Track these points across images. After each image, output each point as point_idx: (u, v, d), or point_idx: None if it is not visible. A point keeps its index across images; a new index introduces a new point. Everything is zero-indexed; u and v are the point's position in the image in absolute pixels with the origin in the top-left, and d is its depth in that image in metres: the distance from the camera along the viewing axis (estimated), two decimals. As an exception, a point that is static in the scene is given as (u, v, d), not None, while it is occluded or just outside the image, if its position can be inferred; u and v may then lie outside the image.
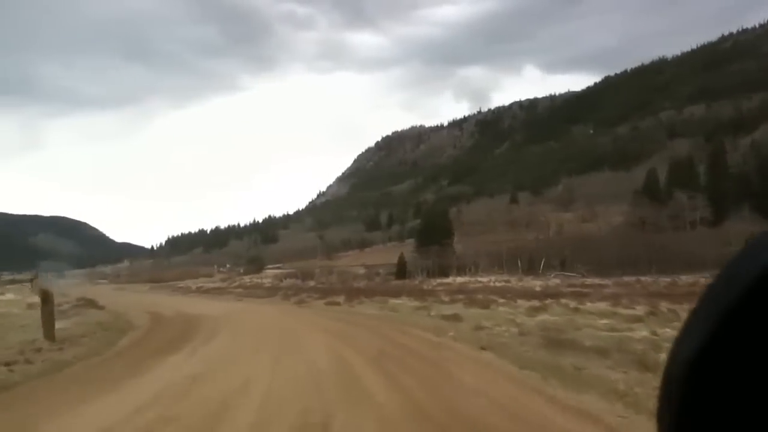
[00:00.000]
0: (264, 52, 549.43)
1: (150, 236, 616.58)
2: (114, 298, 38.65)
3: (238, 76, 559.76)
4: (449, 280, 54.71)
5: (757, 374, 0.59)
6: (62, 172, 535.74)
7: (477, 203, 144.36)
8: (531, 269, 60.54)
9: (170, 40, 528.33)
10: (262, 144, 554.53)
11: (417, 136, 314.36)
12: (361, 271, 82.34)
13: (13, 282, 66.83)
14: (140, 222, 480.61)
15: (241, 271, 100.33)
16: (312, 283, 61.25)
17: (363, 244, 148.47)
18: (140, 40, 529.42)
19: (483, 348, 11.84)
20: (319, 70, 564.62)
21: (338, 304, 28.32)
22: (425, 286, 46.01)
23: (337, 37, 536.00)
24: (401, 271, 66.68)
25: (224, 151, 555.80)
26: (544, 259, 60.35)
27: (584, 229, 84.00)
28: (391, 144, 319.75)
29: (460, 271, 63.16)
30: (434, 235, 69.57)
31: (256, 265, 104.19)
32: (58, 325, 15.08)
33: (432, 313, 20.78)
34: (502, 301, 25.90)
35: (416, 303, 25.89)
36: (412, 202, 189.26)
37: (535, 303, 23.69)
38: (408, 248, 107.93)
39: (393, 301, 27.28)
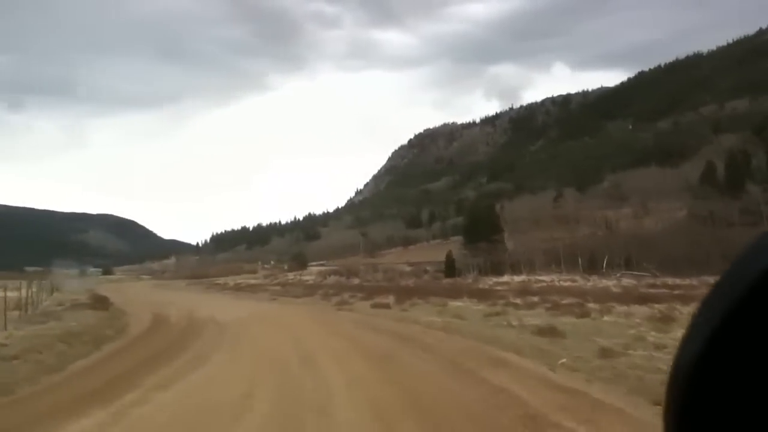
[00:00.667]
0: (294, 52, 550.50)
1: (196, 233, 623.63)
2: (135, 296, 36.76)
3: (270, 76, 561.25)
4: (506, 279, 50.21)
5: (759, 374, 0.59)
6: (109, 170, 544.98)
7: (519, 200, 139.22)
8: (592, 268, 55.63)
9: (205, 40, 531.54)
10: (297, 143, 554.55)
11: (449, 133, 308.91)
12: (407, 268, 78.33)
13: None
14: (187, 219, 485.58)
15: (285, 267, 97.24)
16: (357, 281, 57.42)
17: (406, 242, 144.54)
18: (177, 41, 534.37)
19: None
20: (348, 68, 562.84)
21: (387, 306, 23.68)
22: (481, 286, 41.69)
23: (365, 35, 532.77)
24: (450, 268, 62.40)
25: (263, 149, 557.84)
26: (606, 257, 55.36)
27: (640, 226, 78.46)
28: (423, 141, 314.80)
29: (514, 269, 58.59)
30: (482, 231, 65.09)
31: (300, 261, 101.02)
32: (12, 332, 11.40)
33: (513, 323, 15.90)
34: (593, 306, 21.27)
35: (483, 307, 21.57)
36: (453, 200, 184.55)
37: (646, 309, 19.16)
38: (453, 245, 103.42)
39: (453, 304, 23.02)
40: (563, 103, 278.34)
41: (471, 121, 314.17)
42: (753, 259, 0.60)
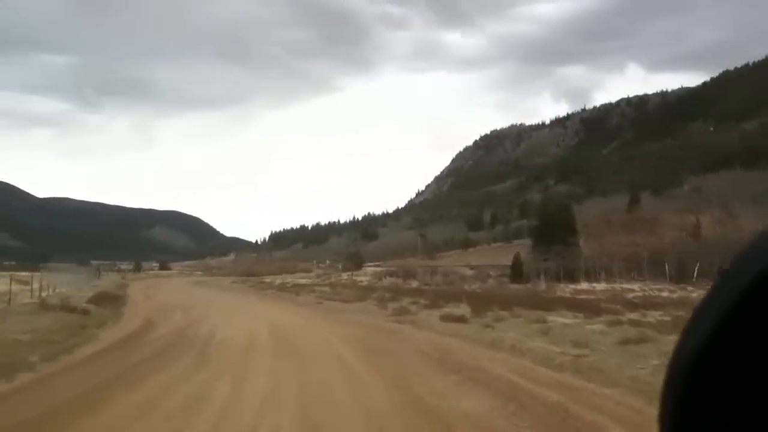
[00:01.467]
0: (359, 53, 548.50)
1: (257, 231, 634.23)
2: (155, 295, 32.20)
3: (335, 77, 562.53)
4: (584, 286, 44.05)
5: (756, 372, 0.59)
6: (176, 168, 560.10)
7: (589, 203, 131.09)
8: (680, 276, 48.72)
9: (271, 42, 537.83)
10: (358, 143, 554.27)
11: (517, 134, 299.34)
12: (468, 271, 72.63)
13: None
14: (248, 217, 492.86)
15: (340, 267, 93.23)
16: (415, 284, 52.30)
17: (466, 244, 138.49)
18: (242, 43, 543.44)
19: None
20: (413, 69, 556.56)
21: (462, 319, 17.28)
22: (560, 293, 35.81)
23: (431, 36, 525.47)
24: (517, 273, 56.45)
25: (323, 150, 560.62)
26: (698, 265, 48.27)
27: (728, 232, 70.07)
28: (489, 143, 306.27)
29: (590, 275, 52.16)
30: (554, 234, 58.72)
31: (356, 261, 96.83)
32: None
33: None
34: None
35: (602, 326, 14.91)
36: (517, 202, 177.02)
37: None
38: (516, 248, 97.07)
39: (554, 320, 16.72)
40: (639, 103, 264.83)
41: (540, 123, 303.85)
42: (753, 259, 0.60)
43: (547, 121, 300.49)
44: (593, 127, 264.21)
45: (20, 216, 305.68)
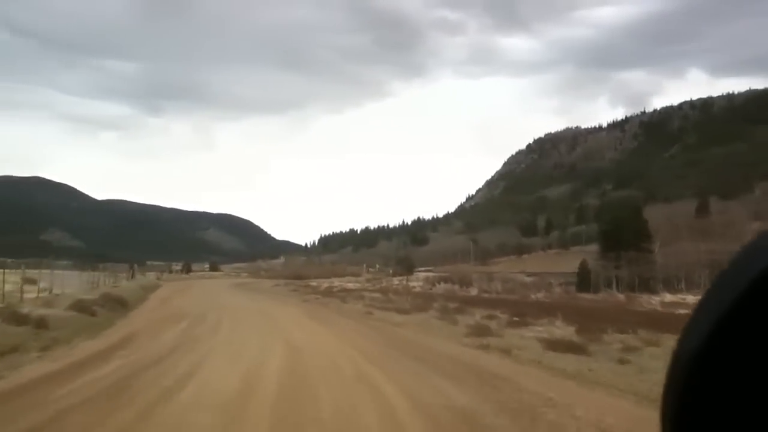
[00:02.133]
0: (414, 59, 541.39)
1: (307, 234, 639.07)
2: (180, 298, 28.36)
3: (389, 82, 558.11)
4: (671, 297, 39.28)
5: (756, 372, 0.58)
6: (231, 172, 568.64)
7: (652, 208, 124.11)
8: None
9: (327, 48, 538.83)
10: (410, 148, 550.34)
11: (572, 138, 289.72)
12: (526, 279, 68.18)
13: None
14: (298, 221, 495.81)
15: (390, 272, 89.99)
16: (474, 291, 48.45)
17: (520, 250, 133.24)
18: (299, 49, 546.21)
19: None
20: (468, 74, 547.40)
21: (576, 348, 11.96)
22: (649, 306, 31.43)
23: (487, 41, 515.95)
24: (585, 281, 51.87)
25: (375, 154, 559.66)
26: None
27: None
28: (543, 146, 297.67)
29: (669, 285, 47.22)
30: (626, 239, 53.86)
31: (406, 266, 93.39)
32: None
33: None
34: None
35: None
36: (573, 207, 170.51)
37: None
38: (575, 255, 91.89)
39: None
40: (703, 107, 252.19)
41: (597, 126, 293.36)
42: (753, 259, 0.60)
43: (604, 124, 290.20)
44: (653, 130, 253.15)
45: (80, 217, 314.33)
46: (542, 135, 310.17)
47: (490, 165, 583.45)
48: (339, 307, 26.59)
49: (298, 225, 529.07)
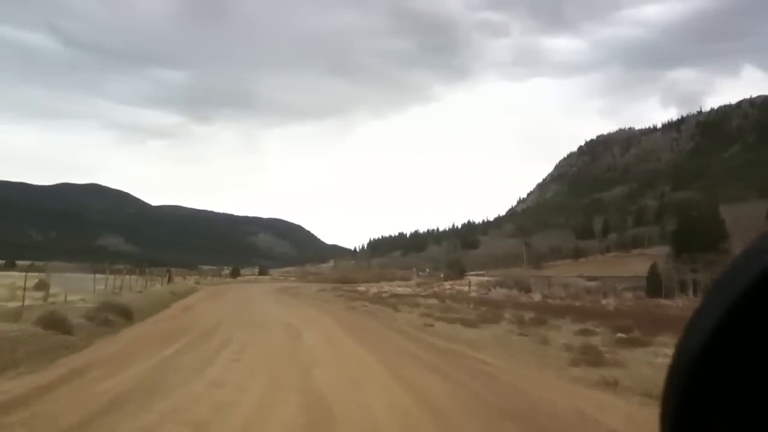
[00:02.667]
0: (458, 62, 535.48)
1: (356, 239, 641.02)
2: (208, 309, 23.80)
3: (433, 86, 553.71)
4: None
5: (757, 370, 0.58)
6: (279, 177, 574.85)
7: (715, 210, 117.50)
8: None
9: (371, 53, 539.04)
10: (457, 151, 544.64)
11: (625, 139, 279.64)
12: (588, 283, 63.69)
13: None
14: (347, 225, 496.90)
15: (441, 276, 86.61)
16: (537, 297, 44.68)
17: (576, 253, 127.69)
18: (343, 54, 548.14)
19: None
20: (513, 76, 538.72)
21: None
22: None
23: (532, 42, 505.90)
24: (656, 286, 47.39)
25: (422, 158, 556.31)
26: None
27: None
28: (595, 149, 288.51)
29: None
30: (701, 240, 49.15)
31: (457, 270, 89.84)
32: None
33: None
34: None
35: None
36: (629, 209, 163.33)
37: None
38: (637, 259, 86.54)
39: None
40: (763, 105, 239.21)
41: (651, 126, 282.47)
42: (754, 258, 0.60)
43: (659, 125, 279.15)
44: (711, 130, 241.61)
45: (135, 222, 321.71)
46: (594, 137, 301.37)
47: (539, 167, 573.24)
48: (390, 317, 21.64)
49: (347, 229, 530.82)
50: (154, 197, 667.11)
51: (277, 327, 16.59)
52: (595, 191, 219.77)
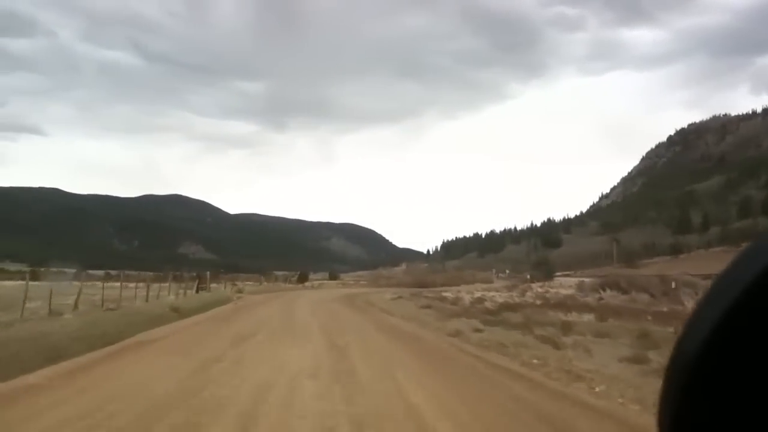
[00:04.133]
0: (533, 58, 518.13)
1: (428, 242, 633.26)
2: (223, 330, 15.34)
3: (507, 84, 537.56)
4: None
5: (756, 371, 0.57)
6: (352, 181, 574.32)
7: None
8: None
9: (442, 54, 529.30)
10: (532, 148, 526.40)
11: (720, 127, 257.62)
12: (703, 282, 52.66)
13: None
14: (419, 228, 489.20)
15: (528, 277, 77.32)
16: (689, 303, 34.95)
17: (675, 249, 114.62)
18: (414, 56, 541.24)
19: None
20: (590, 71, 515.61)
21: None
22: None
23: (610, 35, 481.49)
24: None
25: (495, 157, 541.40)
26: None
27: None
28: (687, 138, 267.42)
29: None
30: None
31: (545, 270, 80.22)
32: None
33: None
34: None
35: None
36: (730, 200, 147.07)
37: None
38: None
39: None
40: None
41: (750, 112, 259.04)
42: (755, 258, 0.59)
43: (759, 110, 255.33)
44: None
45: (214, 230, 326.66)
46: (685, 126, 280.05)
47: (621, 162, 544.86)
48: (546, 352, 11.20)
49: (419, 232, 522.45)
50: (233, 206, 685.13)
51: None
52: (688, 183, 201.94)
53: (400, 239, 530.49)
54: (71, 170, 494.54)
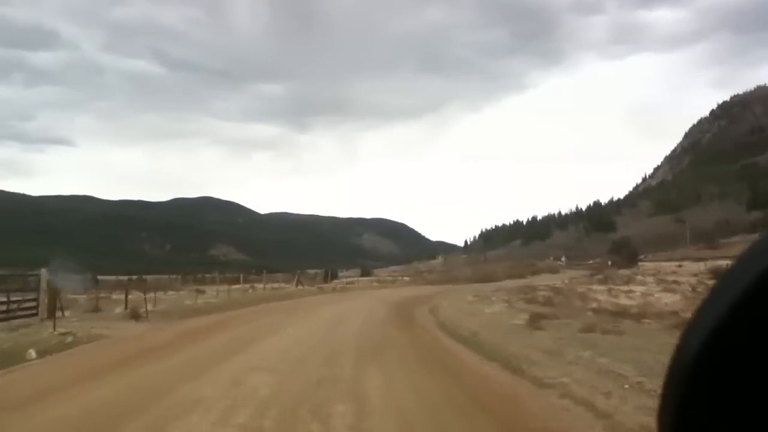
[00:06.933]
0: (552, 46, 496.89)
1: (461, 234, 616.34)
2: None
3: (528, 73, 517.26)
4: None
5: (758, 371, 0.56)
6: (381, 177, 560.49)
7: None
8: None
9: (461, 46, 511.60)
10: (561, 137, 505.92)
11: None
12: None
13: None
14: (452, 221, 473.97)
15: (609, 263, 62.60)
16: None
17: (754, 227, 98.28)
18: (434, 51, 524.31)
19: None
20: (612, 55, 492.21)
21: None
22: None
23: (629, 17, 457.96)
24: None
25: (526, 146, 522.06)
26: None
27: None
28: (731, 111, 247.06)
29: None
30: None
31: (628, 255, 65.33)
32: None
33: None
34: None
35: None
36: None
37: None
38: None
39: None
40: None
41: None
42: (756, 258, 0.58)
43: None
44: None
45: (245, 231, 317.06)
46: (727, 99, 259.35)
47: (653, 142, 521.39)
48: None
49: (450, 225, 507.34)
50: (263, 206, 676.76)
51: None
52: (742, 156, 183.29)
53: (432, 233, 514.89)
54: (102, 178, 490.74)
